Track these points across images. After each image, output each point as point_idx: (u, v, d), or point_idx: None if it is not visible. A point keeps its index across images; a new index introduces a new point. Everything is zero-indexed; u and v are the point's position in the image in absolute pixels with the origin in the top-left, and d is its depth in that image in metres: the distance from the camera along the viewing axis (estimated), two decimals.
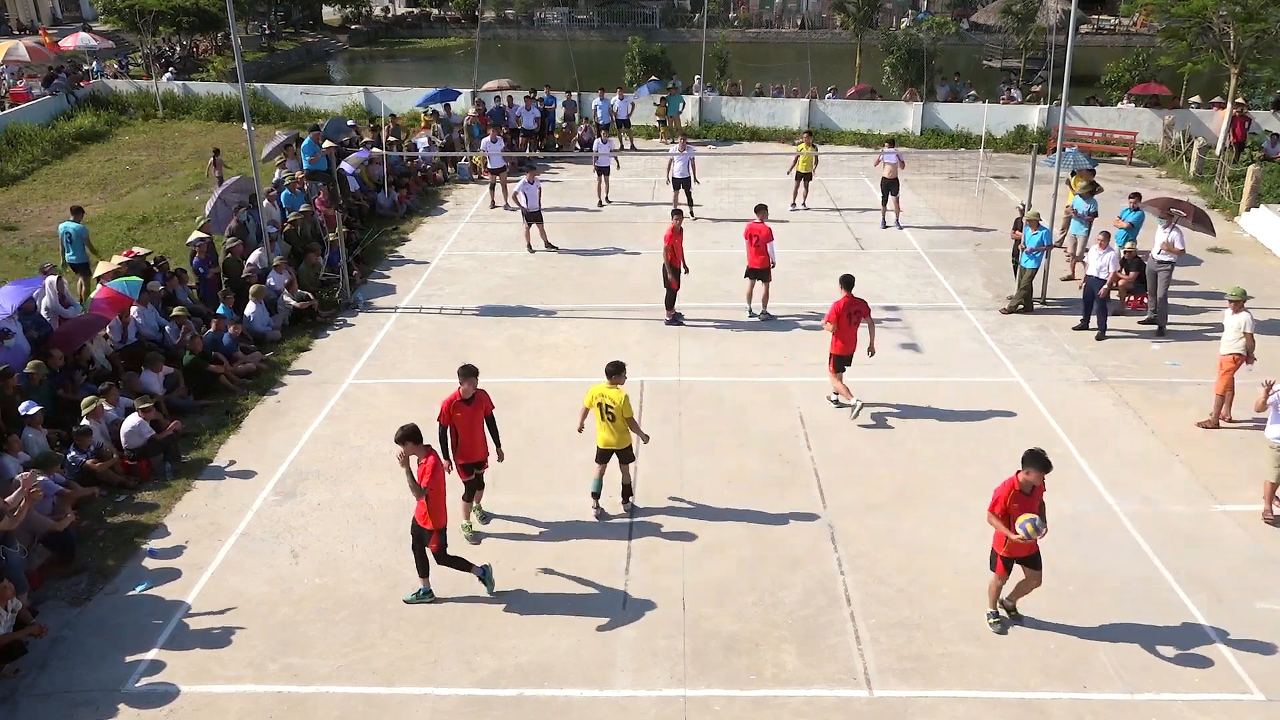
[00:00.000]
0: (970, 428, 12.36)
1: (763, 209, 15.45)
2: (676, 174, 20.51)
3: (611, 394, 10.03)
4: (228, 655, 8.62)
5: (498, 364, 14.19)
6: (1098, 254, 14.86)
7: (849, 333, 12.39)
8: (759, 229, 15.12)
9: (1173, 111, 28.57)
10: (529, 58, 59.77)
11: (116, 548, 10.11)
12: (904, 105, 29.97)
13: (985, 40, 51.67)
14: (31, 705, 8.10)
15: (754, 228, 15.18)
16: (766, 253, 15.17)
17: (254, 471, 11.52)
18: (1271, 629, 8.85)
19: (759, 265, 15.28)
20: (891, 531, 10.29)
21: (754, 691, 8.18)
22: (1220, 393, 12.26)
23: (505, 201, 21.28)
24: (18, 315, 12.62)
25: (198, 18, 43.45)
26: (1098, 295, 14.82)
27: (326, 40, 64.98)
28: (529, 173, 18.90)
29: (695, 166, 20.85)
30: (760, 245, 15.12)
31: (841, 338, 12.39)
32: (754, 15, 68.63)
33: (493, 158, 21.59)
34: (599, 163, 21.95)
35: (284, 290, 15.61)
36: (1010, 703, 8.05)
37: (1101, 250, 14.83)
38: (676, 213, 15.49)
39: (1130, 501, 10.77)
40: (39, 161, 26.25)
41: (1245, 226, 20.60)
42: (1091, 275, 14.90)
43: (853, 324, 12.36)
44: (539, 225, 19.02)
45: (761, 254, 15.17)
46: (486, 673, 8.40)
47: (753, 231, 15.17)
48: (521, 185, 18.68)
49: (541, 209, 18.98)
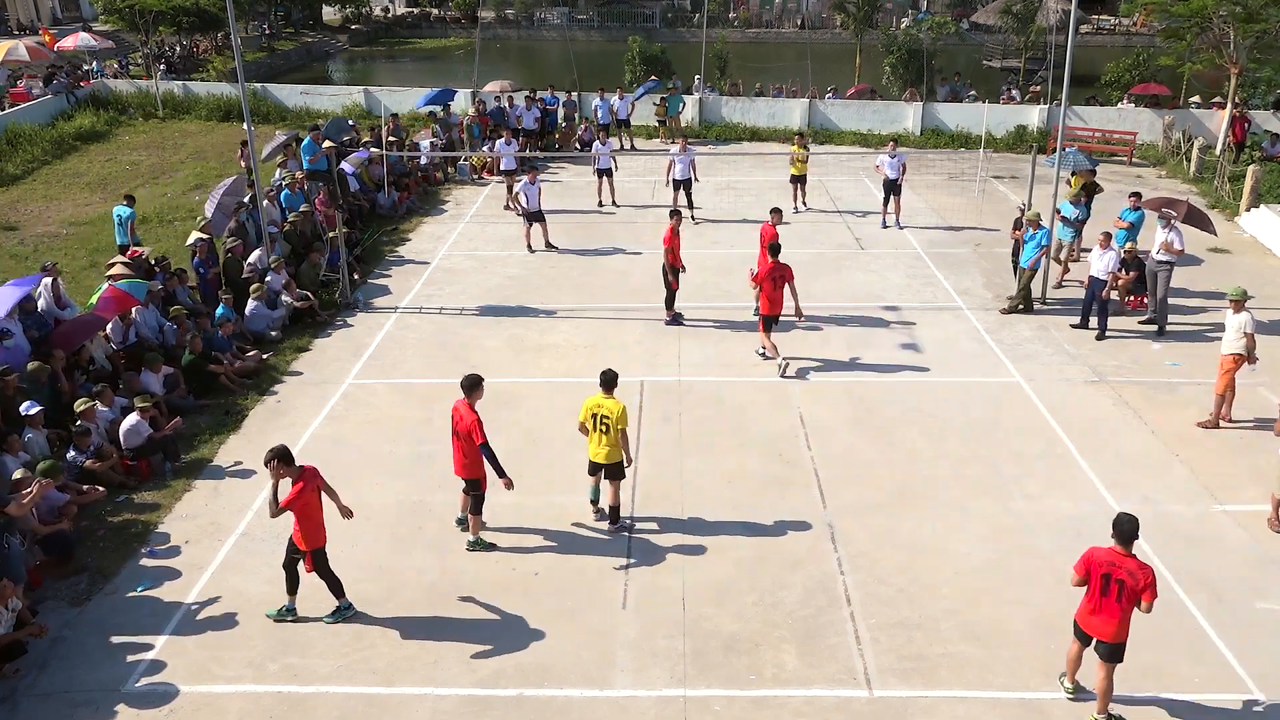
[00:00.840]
0: (970, 428, 12.36)
1: (777, 212, 15.50)
2: (677, 175, 20.44)
3: (609, 404, 9.86)
4: (228, 655, 8.62)
5: (498, 364, 14.19)
6: (1099, 254, 14.86)
7: (776, 294, 13.72)
8: (773, 231, 15.13)
9: (1173, 111, 28.57)
10: (529, 58, 59.78)
11: (116, 548, 10.11)
12: (904, 105, 29.97)
13: (985, 40, 51.69)
14: (31, 705, 8.10)
15: (768, 229, 15.17)
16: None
17: (254, 471, 11.51)
18: (1271, 629, 8.85)
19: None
20: (891, 531, 10.29)
21: (754, 691, 8.18)
22: (1221, 393, 12.26)
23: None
24: (18, 315, 12.62)
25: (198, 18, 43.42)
26: (1098, 296, 14.82)
27: (326, 40, 64.99)
28: (530, 173, 18.89)
29: (696, 167, 20.83)
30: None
31: (769, 299, 13.69)
32: (754, 15, 68.65)
33: (505, 159, 21.41)
34: (599, 164, 21.89)
35: (283, 290, 15.61)
36: (1010, 703, 8.05)
37: (1103, 250, 14.83)
38: (675, 213, 15.48)
39: (1130, 501, 10.75)
40: (39, 161, 26.24)
41: (1245, 226, 20.59)
42: (1094, 275, 14.90)
43: (778, 287, 13.69)
44: (541, 225, 19.00)
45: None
46: (486, 673, 8.40)
47: (766, 232, 15.15)
48: (522, 185, 18.69)
49: (542, 209, 18.97)
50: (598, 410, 9.92)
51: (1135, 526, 7.52)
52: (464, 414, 9.52)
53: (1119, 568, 7.46)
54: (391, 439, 12.14)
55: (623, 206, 22.01)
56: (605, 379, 10.00)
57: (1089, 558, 7.61)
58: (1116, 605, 7.49)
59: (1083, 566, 7.65)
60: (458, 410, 9.60)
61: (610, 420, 9.84)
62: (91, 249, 19.21)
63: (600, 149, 22.13)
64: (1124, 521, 7.55)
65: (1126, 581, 7.41)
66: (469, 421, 9.46)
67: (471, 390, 9.62)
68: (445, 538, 10.23)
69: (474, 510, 10.01)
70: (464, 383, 9.67)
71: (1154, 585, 7.39)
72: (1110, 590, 7.48)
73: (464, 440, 9.55)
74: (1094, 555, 7.59)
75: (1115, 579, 7.45)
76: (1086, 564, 7.62)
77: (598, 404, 9.93)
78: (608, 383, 9.97)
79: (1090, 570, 7.58)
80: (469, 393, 9.61)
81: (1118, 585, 7.45)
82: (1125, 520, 7.56)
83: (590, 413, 9.96)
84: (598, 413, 9.91)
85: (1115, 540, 7.53)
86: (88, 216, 21.59)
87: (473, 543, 10.08)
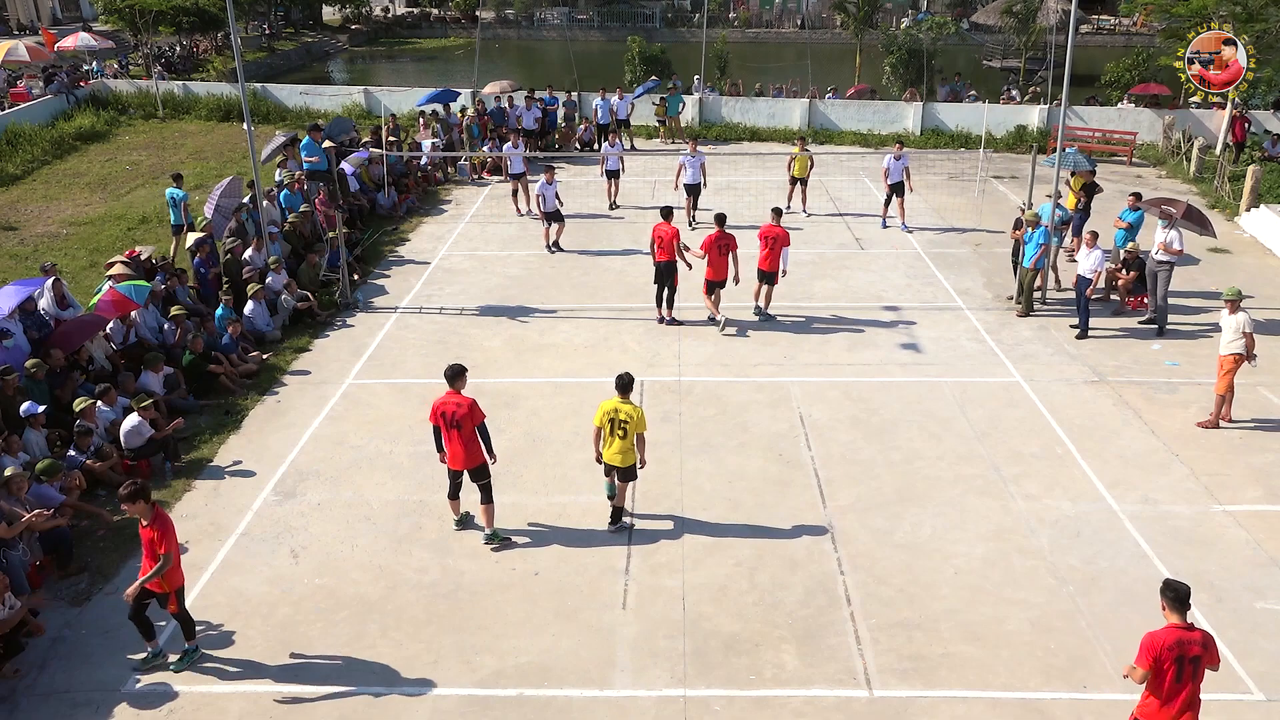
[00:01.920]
0: (970, 428, 12.36)
1: (778, 212, 15.52)
2: (688, 180, 20.25)
3: (627, 408, 9.79)
4: (228, 655, 8.61)
5: (498, 364, 14.20)
6: (1085, 253, 14.85)
7: (720, 262, 14.87)
8: (777, 231, 15.12)
9: (1173, 111, 28.56)
10: (529, 58, 59.77)
11: (116, 548, 10.10)
12: (904, 105, 29.98)
13: (985, 40, 51.68)
14: (31, 705, 8.10)
15: (771, 229, 15.14)
16: (779, 256, 15.15)
17: (254, 471, 11.52)
18: (1271, 629, 8.85)
19: (768, 268, 15.25)
20: (891, 531, 10.29)
21: (754, 691, 8.18)
22: (1221, 393, 12.26)
23: (529, 207, 21.09)
24: (18, 315, 12.62)
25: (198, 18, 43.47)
26: (1084, 295, 14.81)
27: (326, 40, 64.99)
28: (547, 172, 18.90)
29: (705, 171, 20.67)
30: (775, 248, 15.10)
31: (713, 266, 14.88)
32: (754, 15, 68.66)
33: (513, 161, 21.28)
34: (608, 165, 21.78)
35: (284, 290, 15.62)
36: (1010, 703, 8.05)
37: (1089, 249, 14.80)
38: (667, 211, 15.42)
39: (1130, 501, 10.77)
40: (39, 161, 26.25)
41: (1245, 226, 20.59)
42: (1080, 275, 14.89)
43: (722, 254, 14.80)
44: (559, 225, 18.98)
45: (774, 257, 15.14)
46: (486, 673, 8.40)
47: (770, 233, 15.12)
48: (540, 186, 18.70)
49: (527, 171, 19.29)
50: (616, 414, 9.78)
51: (1188, 592, 6.51)
52: (459, 400, 9.55)
53: (1190, 644, 6.39)
54: (391, 439, 12.14)
55: (623, 207, 22.01)
56: (621, 382, 9.87)
57: (1151, 643, 6.43)
58: (1192, 685, 6.42)
59: (1148, 657, 6.40)
60: (448, 403, 9.59)
61: (630, 424, 9.74)
62: (91, 249, 19.21)
63: (609, 151, 22.02)
64: (1177, 587, 6.48)
65: (1202, 657, 6.39)
66: (467, 404, 9.51)
67: (455, 379, 9.67)
68: (445, 538, 10.22)
69: (486, 500, 9.96)
70: (447, 373, 9.73)
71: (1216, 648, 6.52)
72: (1185, 673, 6.37)
73: (465, 428, 9.56)
74: (1157, 640, 6.40)
75: (1189, 659, 6.36)
76: (1152, 651, 6.39)
77: (615, 407, 9.79)
78: (624, 386, 9.85)
79: (1161, 657, 6.37)
80: (453, 382, 9.66)
81: (1191, 665, 6.37)
82: (1177, 587, 6.49)
83: (607, 416, 9.82)
84: (616, 417, 9.78)
85: (1170, 611, 6.48)
86: (88, 216, 21.60)
87: (490, 535, 10.04)
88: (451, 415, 9.57)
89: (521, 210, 21.31)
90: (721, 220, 15.03)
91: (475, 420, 9.59)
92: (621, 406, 9.78)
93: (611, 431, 9.84)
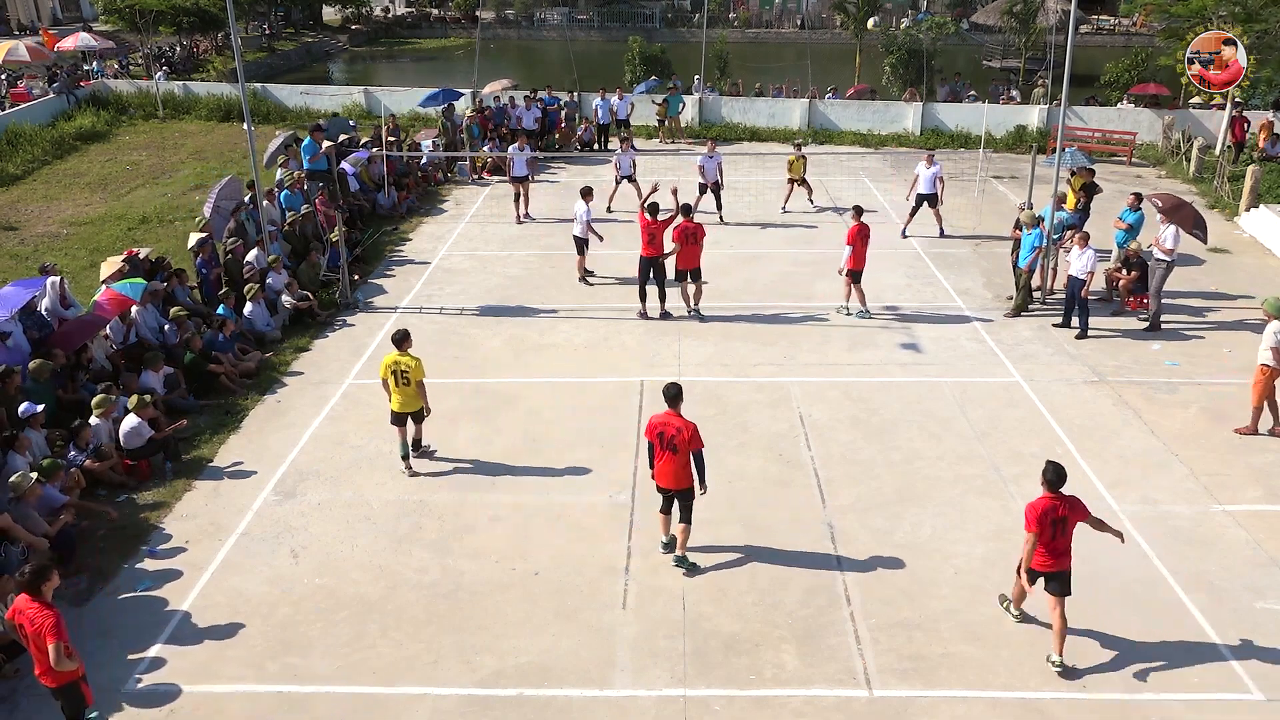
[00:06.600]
0: (970, 428, 12.36)
1: (858, 210, 15.67)
2: (706, 179, 20.15)
3: (406, 359, 10.09)
4: (228, 655, 8.62)
5: (498, 364, 14.20)
6: (1077, 254, 14.83)
7: (690, 250, 15.38)
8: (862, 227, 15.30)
9: (1173, 111, 28.56)
10: (529, 58, 59.76)
11: (116, 548, 10.11)
12: (904, 105, 29.97)
13: (985, 40, 51.70)
14: (31, 705, 8.10)
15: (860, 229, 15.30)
16: (862, 256, 15.37)
17: (254, 471, 11.52)
18: (1271, 629, 8.85)
19: (855, 266, 15.45)
20: (891, 531, 10.29)
21: (754, 691, 8.18)
22: (1255, 404, 12.03)
23: (527, 211, 21.11)
24: (18, 315, 12.62)
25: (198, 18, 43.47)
26: (1079, 295, 14.80)
27: (326, 40, 65.01)
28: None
29: (722, 170, 20.57)
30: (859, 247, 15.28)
31: (683, 255, 15.44)
32: (754, 15, 68.69)
33: (516, 164, 21.01)
34: (621, 171, 21.46)
35: (284, 290, 15.62)
36: (1010, 703, 8.05)
37: (1081, 250, 14.78)
38: (654, 207, 15.44)
39: (1130, 501, 10.77)
40: (39, 161, 26.25)
41: (1245, 226, 20.59)
42: (1072, 275, 14.88)
43: (688, 244, 15.35)
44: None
45: (859, 256, 15.35)
46: (486, 673, 8.40)
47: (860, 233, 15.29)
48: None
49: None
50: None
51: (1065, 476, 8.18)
52: (680, 424, 9.13)
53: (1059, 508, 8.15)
54: (392, 439, 12.10)
55: (622, 207, 21.97)
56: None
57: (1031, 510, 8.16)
58: (1063, 539, 8.21)
59: (1032, 520, 8.13)
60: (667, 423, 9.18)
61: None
62: (91, 249, 19.20)
63: (621, 157, 21.76)
64: (1057, 469, 8.18)
65: (1069, 516, 8.17)
66: (689, 430, 9.13)
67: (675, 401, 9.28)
68: (445, 538, 10.23)
69: (685, 520, 9.54)
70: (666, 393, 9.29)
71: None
72: (1058, 530, 8.17)
73: (680, 453, 9.17)
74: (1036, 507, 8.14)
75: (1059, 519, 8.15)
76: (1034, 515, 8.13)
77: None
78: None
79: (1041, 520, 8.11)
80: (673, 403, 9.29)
81: (1062, 524, 8.16)
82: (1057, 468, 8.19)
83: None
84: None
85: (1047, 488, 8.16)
86: (88, 216, 21.60)
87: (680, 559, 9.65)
88: (670, 438, 9.14)
89: (522, 218, 21.18)
90: (688, 210, 15.50)
91: (693, 447, 9.14)
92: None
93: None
